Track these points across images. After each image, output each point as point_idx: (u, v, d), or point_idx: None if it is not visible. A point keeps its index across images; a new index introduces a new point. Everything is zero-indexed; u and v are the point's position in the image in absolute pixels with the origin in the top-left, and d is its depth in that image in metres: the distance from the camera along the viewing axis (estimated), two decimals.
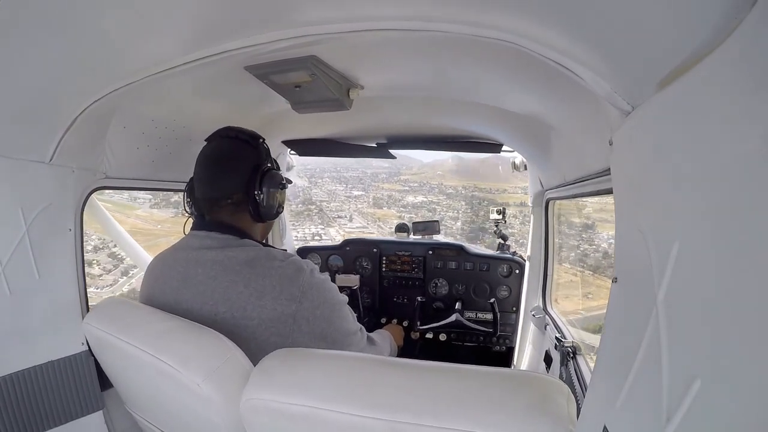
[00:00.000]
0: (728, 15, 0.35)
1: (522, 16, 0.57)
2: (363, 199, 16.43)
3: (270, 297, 0.88)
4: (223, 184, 0.99)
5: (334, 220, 14.81)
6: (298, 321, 0.89)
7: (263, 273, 0.90)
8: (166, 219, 7.18)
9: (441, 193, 16.50)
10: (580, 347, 1.36)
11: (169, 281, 0.97)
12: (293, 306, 0.89)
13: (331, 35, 0.72)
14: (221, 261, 0.92)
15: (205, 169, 1.00)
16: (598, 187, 1.11)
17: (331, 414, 0.63)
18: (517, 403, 0.58)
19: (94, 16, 0.65)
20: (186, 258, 0.97)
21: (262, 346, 0.86)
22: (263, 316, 0.88)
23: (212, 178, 1.00)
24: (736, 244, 0.32)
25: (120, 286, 5.68)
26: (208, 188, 1.00)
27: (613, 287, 0.56)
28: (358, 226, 14.66)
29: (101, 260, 5.77)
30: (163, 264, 1.02)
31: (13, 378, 0.98)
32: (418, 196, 16.71)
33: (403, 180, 17.68)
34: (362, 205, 16.23)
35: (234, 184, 0.98)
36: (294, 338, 0.89)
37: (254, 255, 0.93)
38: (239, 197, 0.99)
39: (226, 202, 0.99)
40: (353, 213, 15.72)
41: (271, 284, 0.89)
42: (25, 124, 0.91)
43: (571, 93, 0.86)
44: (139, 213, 7.78)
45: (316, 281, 0.94)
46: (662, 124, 0.47)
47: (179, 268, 0.97)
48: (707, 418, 0.33)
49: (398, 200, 16.61)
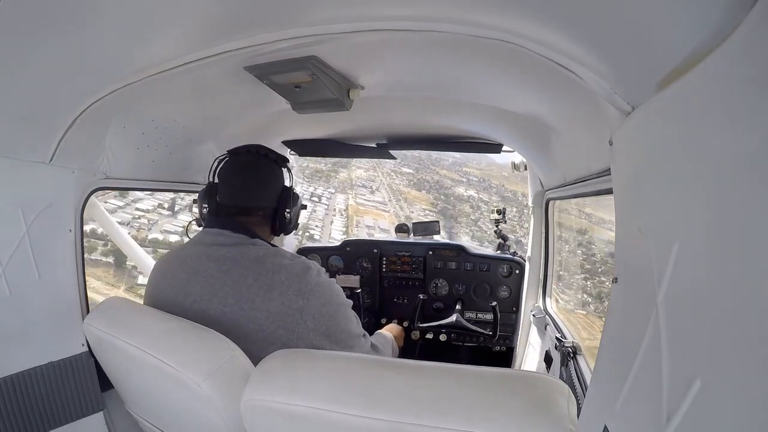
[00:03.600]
0: (728, 15, 0.35)
1: (522, 17, 0.57)
2: (408, 176, 16.19)
3: (278, 291, 0.91)
4: (258, 195, 1.07)
5: (353, 188, 14.55)
6: (304, 316, 0.92)
7: (272, 269, 0.94)
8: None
9: (497, 194, 16.35)
10: (580, 347, 1.36)
11: (177, 275, 1.00)
12: (300, 301, 0.92)
13: (332, 35, 0.72)
14: (233, 256, 0.96)
15: (241, 180, 1.07)
16: (598, 187, 1.11)
17: (331, 414, 0.63)
18: (518, 404, 0.58)
19: (95, 16, 0.65)
20: (198, 253, 1.01)
21: (270, 339, 0.90)
22: (271, 309, 0.90)
23: (248, 188, 1.07)
24: (736, 244, 0.32)
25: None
26: (241, 197, 1.07)
27: (614, 287, 0.56)
28: (374, 201, 14.38)
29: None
30: (172, 261, 1.05)
31: (14, 379, 0.98)
32: (470, 190, 16.54)
33: (465, 171, 17.55)
34: (400, 181, 15.98)
35: (267, 198, 1.08)
36: (299, 333, 0.91)
37: (264, 252, 0.98)
38: (269, 211, 1.08)
39: (257, 213, 1.07)
40: (382, 186, 15.41)
41: (279, 280, 0.93)
42: (25, 125, 0.91)
43: (571, 93, 0.86)
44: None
45: (324, 281, 0.97)
46: (662, 124, 0.47)
47: (190, 262, 1.00)
48: (707, 418, 0.33)
49: (446, 188, 16.42)
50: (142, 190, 1.49)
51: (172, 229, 22.11)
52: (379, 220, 29.98)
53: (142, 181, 1.40)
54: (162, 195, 14.20)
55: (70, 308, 1.10)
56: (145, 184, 1.43)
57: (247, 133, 1.65)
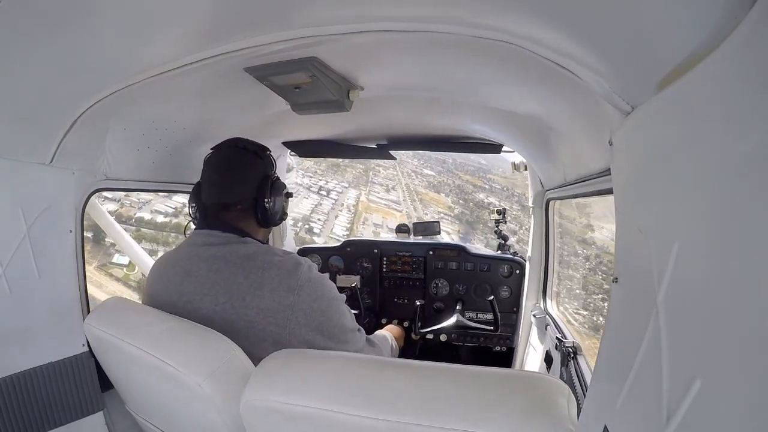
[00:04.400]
0: (728, 15, 0.35)
1: (522, 17, 0.57)
2: (429, 178, 16.10)
3: (269, 288, 0.92)
4: (235, 190, 1.05)
5: (367, 184, 14.49)
6: (295, 312, 0.91)
7: (263, 266, 0.94)
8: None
9: (518, 203, 16.20)
10: (581, 347, 1.36)
11: (172, 277, 1.00)
12: (291, 297, 0.91)
13: (331, 36, 0.72)
14: (223, 255, 0.97)
15: (217, 176, 1.06)
16: (598, 187, 1.11)
17: (332, 414, 0.63)
18: (518, 404, 0.58)
19: (95, 17, 0.65)
20: (190, 254, 1.01)
21: (261, 335, 0.90)
22: (261, 305, 0.91)
23: (223, 184, 1.06)
24: (736, 244, 0.32)
25: None
26: (218, 193, 1.06)
27: (614, 287, 0.56)
28: (387, 199, 14.23)
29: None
30: (166, 263, 1.06)
31: (14, 379, 0.98)
32: (491, 197, 16.42)
33: (488, 179, 17.41)
34: (419, 182, 15.82)
35: (244, 192, 1.05)
36: (291, 329, 0.91)
37: (254, 250, 0.98)
38: (248, 203, 1.05)
39: (236, 207, 1.05)
40: (399, 185, 15.33)
41: (269, 276, 0.93)
42: (25, 126, 0.91)
43: (571, 93, 0.86)
44: None
45: (315, 276, 0.97)
46: (662, 124, 0.47)
47: (183, 264, 1.01)
48: (707, 418, 0.33)
49: (466, 193, 16.35)
50: (143, 191, 1.49)
51: (163, 210, 21.62)
52: (388, 219, 29.44)
53: (142, 182, 1.40)
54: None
55: (70, 308, 1.10)
56: (145, 185, 1.43)
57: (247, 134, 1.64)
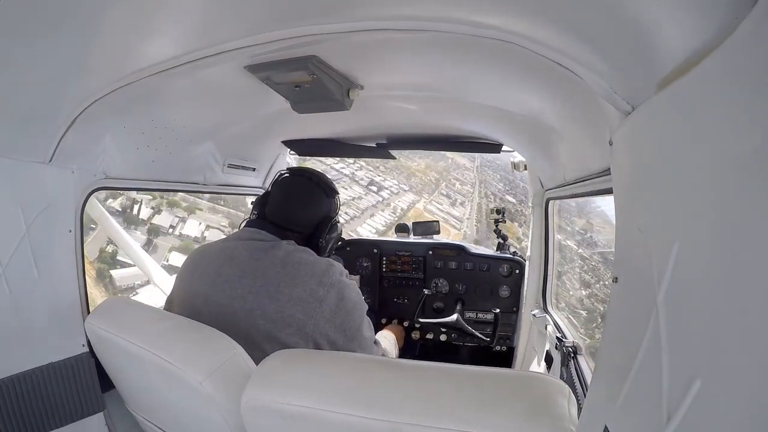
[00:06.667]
0: (728, 15, 0.35)
1: (522, 17, 0.57)
2: (507, 205, 15.52)
3: (302, 280, 0.99)
4: (296, 220, 1.14)
5: (432, 193, 14.38)
6: (323, 306, 0.98)
7: (299, 262, 1.03)
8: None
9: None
10: (581, 347, 1.36)
11: (215, 260, 1.08)
12: (321, 291, 0.99)
13: (332, 35, 0.72)
14: (265, 248, 1.06)
15: (284, 200, 1.15)
16: (598, 187, 1.11)
17: (332, 414, 0.63)
18: (518, 404, 0.58)
19: (94, 16, 0.65)
20: (235, 244, 1.10)
21: (287, 321, 0.96)
22: (294, 294, 0.98)
23: (287, 210, 1.14)
24: (736, 244, 0.32)
25: None
26: (281, 215, 1.14)
27: (614, 287, 0.56)
28: (449, 213, 13.93)
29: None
30: (211, 247, 1.15)
31: (14, 379, 0.98)
32: (569, 240, 15.88)
33: (572, 220, 16.85)
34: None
35: (304, 224, 1.14)
36: (316, 320, 0.97)
37: (293, 248, 1.07)
38: (304, 235, 1.14)
39: (292, 233, 1.13)
40: (470, 203, 15.01)
41: (304, 271, 1.01)
42: (24, 124, 0.91)
43: (571, 93, 0.86)
44: None
45: (345, 280, 1.06)
46: (662, 124, 0.47)
47: (227, 250, 1.09)
48: (707, 418, 0.33)
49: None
50: (142, 190, 1.49)
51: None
52: (441, 233, 28.95)
53: (142, 180, 1.40)
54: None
55: (70, 308, 1.10)
56: (145, 184, 1.43)
57: (247, 133, 1.65)
